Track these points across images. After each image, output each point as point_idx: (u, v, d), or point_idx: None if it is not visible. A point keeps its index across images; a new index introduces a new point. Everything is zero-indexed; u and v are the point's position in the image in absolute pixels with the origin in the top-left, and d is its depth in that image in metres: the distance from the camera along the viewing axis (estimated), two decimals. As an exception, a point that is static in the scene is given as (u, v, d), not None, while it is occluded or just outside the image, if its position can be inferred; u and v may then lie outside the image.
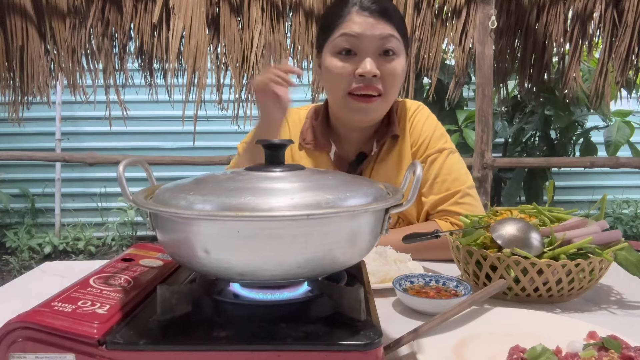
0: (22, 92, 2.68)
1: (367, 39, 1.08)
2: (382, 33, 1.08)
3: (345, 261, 0.59)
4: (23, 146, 4.04)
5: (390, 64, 1.10)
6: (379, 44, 1.09)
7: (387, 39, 1.09)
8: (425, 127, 1.23)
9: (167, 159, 2.92)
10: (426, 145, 1.22)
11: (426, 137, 1.22)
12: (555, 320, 0.75)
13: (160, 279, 0.68)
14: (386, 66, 1.10)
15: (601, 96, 2.51)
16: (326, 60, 1.13)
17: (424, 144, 1.22)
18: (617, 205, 4.60)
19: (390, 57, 1.10)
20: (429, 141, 1.22)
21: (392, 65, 1.10)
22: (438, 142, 1.22)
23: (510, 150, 3.99)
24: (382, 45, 1.09)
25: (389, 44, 1.09)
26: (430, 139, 1.22)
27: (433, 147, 1.21)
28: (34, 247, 4.10)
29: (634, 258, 0.85)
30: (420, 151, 1.22)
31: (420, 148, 1.22)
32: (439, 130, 1.25)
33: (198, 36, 2.49)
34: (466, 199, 1.17)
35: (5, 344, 0.52)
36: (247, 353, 0.51)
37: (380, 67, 1.09)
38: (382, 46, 1.09)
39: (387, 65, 1.10)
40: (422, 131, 1.23)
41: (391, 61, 1.10)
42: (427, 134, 1.22)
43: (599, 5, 2.45)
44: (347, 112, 1.16)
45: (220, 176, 0.62)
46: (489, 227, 0.90)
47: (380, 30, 1.08)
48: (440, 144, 1.22)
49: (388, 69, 1.10)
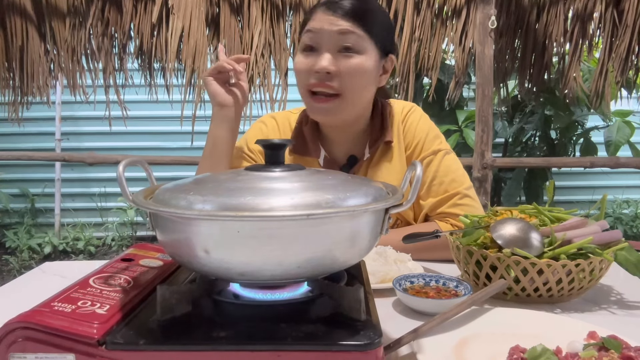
0: (22, 92, 2.68)
1: (325, 34, 1.06)
2: (341, 29, 1.05)
3: (345, 261, 0.59)
4: (23, 146, 4.05)
5: (348, 61, 1.07)
6: (337, 39, 1.06)
7: (345, 35, 1.05)
8: (418, 129, 1.21)
9: (167, 159, 2.92)
10: (420, 148, 1.20)
11: (420, 139, 1.20)
12: (555, 320, 0.75)
13: (160, 279, 0.68)
14: (344, 63, 1.06)
15: (601, 96, 2.51)
16: (295, 58, 1.14)
17: (418, 146, 1.20)
18: (617, 205, 4.60)
19: (349, 54, 1.07)
20: (423, 143, 1.20)
21: (351, 62, 1.07)
22: (432, 143, 1.20)
23: (510, 150, 3.99)
24: (340, 42, 1.06)
25: (348, 41, 1.06)
26: (425, 140, 1.20)
27: (428, 149, 1.19)
28: (33, 247, 4.10)
29: (634, 258, 0.85)
30: (414, 154, 1.20)
31: (415, 151, 1.20)
32: (433, 131, 1.22)
33: (197, 36, 2.49)
34: (465, 200, 1.16)
35: (5, 344, 0.52)
36: (247, 353, 0.51)
37: (339, 64, 1.07)
38: (340, 42, 1.06)
39: (345, 63, 1.06)
40: (416, 133, 1.21)
41: (350, 58, 1.07)
42: (421, 136, 1.20)
43: (599, 5, 2.45)
44: (311, 112, 1.16)
45: (220, 176, 0.62)
46: (489, 227, 0.90)
47: (340, 26, 1.05)
48: (435, 146, 1.20)
49: (346, 66, 1.06)
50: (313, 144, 1.22)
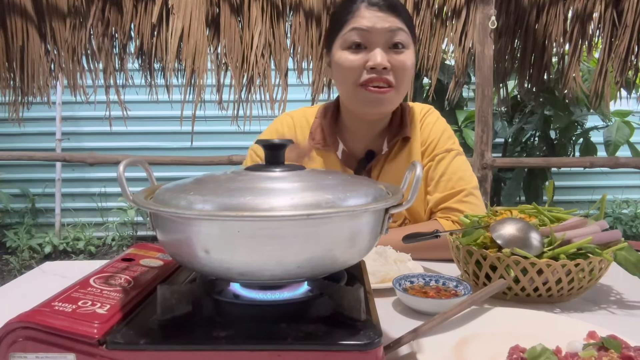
0: (23, 92, 2.68)
1: (377, 32, 1.10)
2: (391, 26, 1.10)
3: (345, 261, 0.59)
4: (23, 146, 4.05)
5: (399, 57, 1.12)
6: (388, 36, 1.11)
7: (396, 32, 1.11)
8: (434, 129, 1.27)
9: (167, 159, 2.92)
10: (434, 145, 1.25)
11: (435, 138, 1.26)
12: (555, 320, 0.75)
13: (161, 279, 0.68)
14: (396, 59, 1.12)
15: (601, 96, 2.51)
16: (336, 55, 1.15)
17: (432, 143, 1.25)
18: (616, 205, 4.61)
19: (400, 49, 1.12)
20: (437, 141, 1.25)
21: (402, 57, 1.12)
22: (446, 143, 1.25)
23: (510, 150, 3.99)
24: (392, 38, 1.11)
25: (398, 37, 1.11)
26: (439, 139, 1.25)
27: (441, 147, 1.25)
28: (34, 247, 4.10)
29: (633, 258, 0.85)
30: (428, 150, 1.25)
31: (429, 147, 1.25)
32: (448, 132, 1.28)
33: (197, 36, 2.49)
34: (470, 198, 1.19)
35: (6, 344, 0.52)
36: (247, 353, 0.51)
37: (391, 60, 1.11)
38: (392, 39, 1.11)
39: (397, 58, 1.12)
40: (432, 132, 1.26)
41: (400, 54, 1.12)
42: (436, 135, 1.26)
43: (599, 6, 2.45)
44: (359, 104, 1.17)
45: (220, 176, 0.62)
46: (488, 227, 0.90)
47: (390, 23, 1.10)
48: (448, 145, 1.25)
49: (398, 61, 1.12)
50: (331, 137, 1.26)
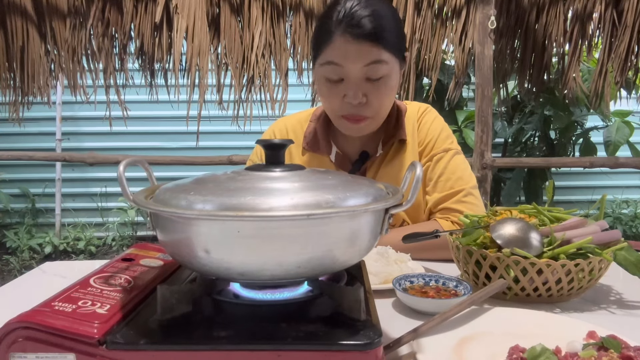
0: (23, 92, 2.68)
1: (351, 70, 1.05)
2: (366, 60, 1.04)
3: (345, 261, 0.59)
4: (23, 146, 4.04)
5: (378, 89, 1.08)
6: (365, 71, 1.05)
7: (372, 66, 1.04)
8: (432, 128, 1.25)
9: (167, 159, 2.93)
10: (432, 145, 1.23)
11: (432, 137, 1.24)
12: (555, 320, 0.75)
13: (161, 279, 0.68)
14: (374, 91, 1.08)
15: (601, 96, 2.51)
16: (317, 80, 1.13)
17: (430, 143, 1.24)
18: (616, 205, 4.61)
19: (377, 81, 1.07)
20: (435, 141, 1.23)
21: (381, 89, 1.08)
22: (444, 142, 1.24)
23: (510, 150, 3.99)
24: (367, 73, 1.06)
25: (373, 70, 1.05)
26: (437, 139, 1.24)
27: (439, 147, 1.23)
28: (34, 247, 4.10)
29: (633, 258, 0.85)
30: (426, 150, 1.24)
31: (427, 147, 1.24)
32: (446, 131, 1.26)
33: (201, 36, 2.49)
34: (469, 198, 1.18)
35: (6, 344, 0.52)
36: (247, 353, 0.51)
37: (367, 92, 1.08)
38: (367, 73, 1.06)
39: (375, 90, 1.08)
40: (429, 131, 1.24)
41: (379, 85, 1.07)
42: (434, 135, 1.24)
43: (599, 6, 2.45)
44: (341, 129, 1.18)
45: (220, 176, 0.62)
46: (488, 227, 0.90)
47: (365, 57, 1.03)
48: (447, 144, 1.24)
49: (376, 94, 1.08)
50: (324, 140, 1.24)
